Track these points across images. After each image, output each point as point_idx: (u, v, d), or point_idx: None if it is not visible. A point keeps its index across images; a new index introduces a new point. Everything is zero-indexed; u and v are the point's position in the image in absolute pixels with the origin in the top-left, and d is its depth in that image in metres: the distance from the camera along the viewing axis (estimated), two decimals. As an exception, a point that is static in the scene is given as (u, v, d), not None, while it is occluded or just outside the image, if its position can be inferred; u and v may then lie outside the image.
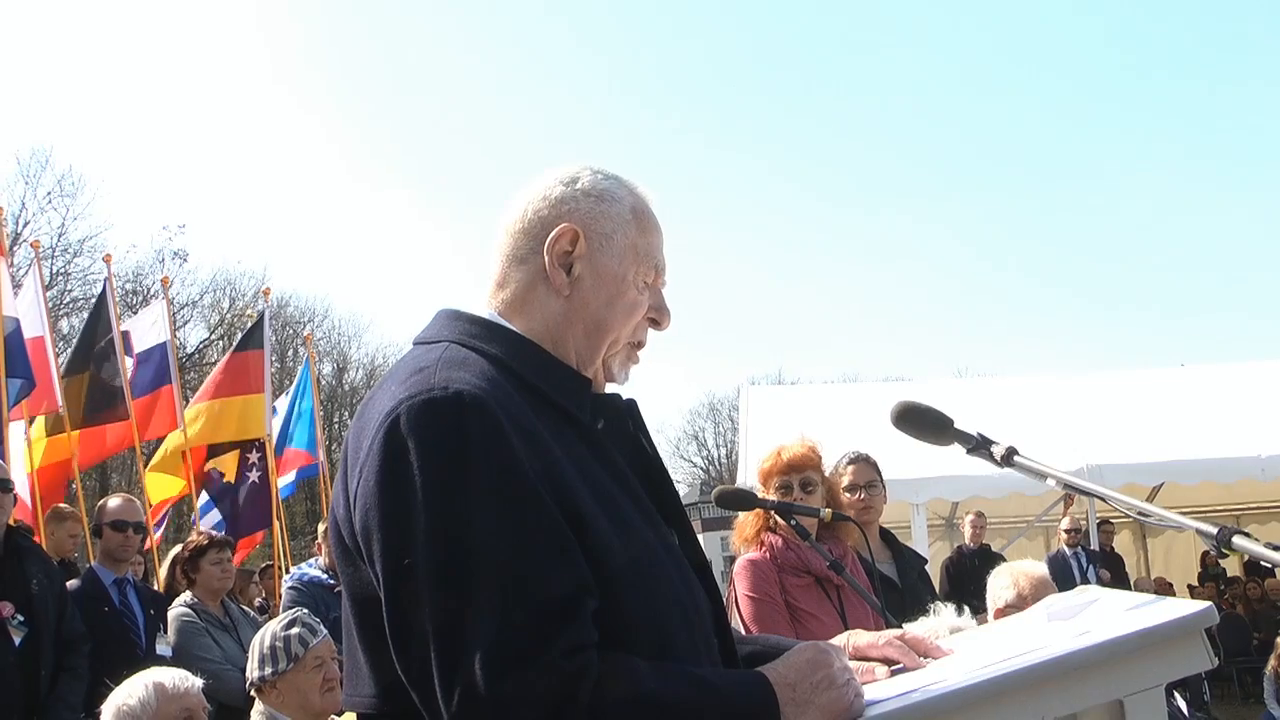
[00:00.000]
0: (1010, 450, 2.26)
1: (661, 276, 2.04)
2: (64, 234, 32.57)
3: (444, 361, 1.79)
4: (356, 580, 1.77)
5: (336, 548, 1.83)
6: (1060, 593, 2.56)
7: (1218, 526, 1.97)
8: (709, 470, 61.35)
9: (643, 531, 1.84)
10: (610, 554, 1.72)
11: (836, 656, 1.79)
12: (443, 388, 1.70)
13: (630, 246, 1.97)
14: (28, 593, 5.49)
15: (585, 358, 1.96)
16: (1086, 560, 12.19)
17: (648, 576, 1.78)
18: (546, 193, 1.99)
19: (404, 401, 1.70)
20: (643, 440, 2.06)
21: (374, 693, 1.77)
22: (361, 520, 1.71)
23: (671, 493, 2.05)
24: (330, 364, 44.33)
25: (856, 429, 7.69)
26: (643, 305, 2.00)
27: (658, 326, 2.07)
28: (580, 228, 1.94)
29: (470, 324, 1.93)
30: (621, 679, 1.61)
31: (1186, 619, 1.73)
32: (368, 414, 1.79)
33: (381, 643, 1.70)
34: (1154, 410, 13.24)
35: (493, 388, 1.74)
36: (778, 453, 4.48)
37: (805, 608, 4.21)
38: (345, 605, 1.85)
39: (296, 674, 3.98)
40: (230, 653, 6.22)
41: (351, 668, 1.85)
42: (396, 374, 1.83)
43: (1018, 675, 1.69)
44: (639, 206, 2.01)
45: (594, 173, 2.02)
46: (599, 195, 1.98)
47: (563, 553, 1.66)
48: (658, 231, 2.04)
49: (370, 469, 1.70)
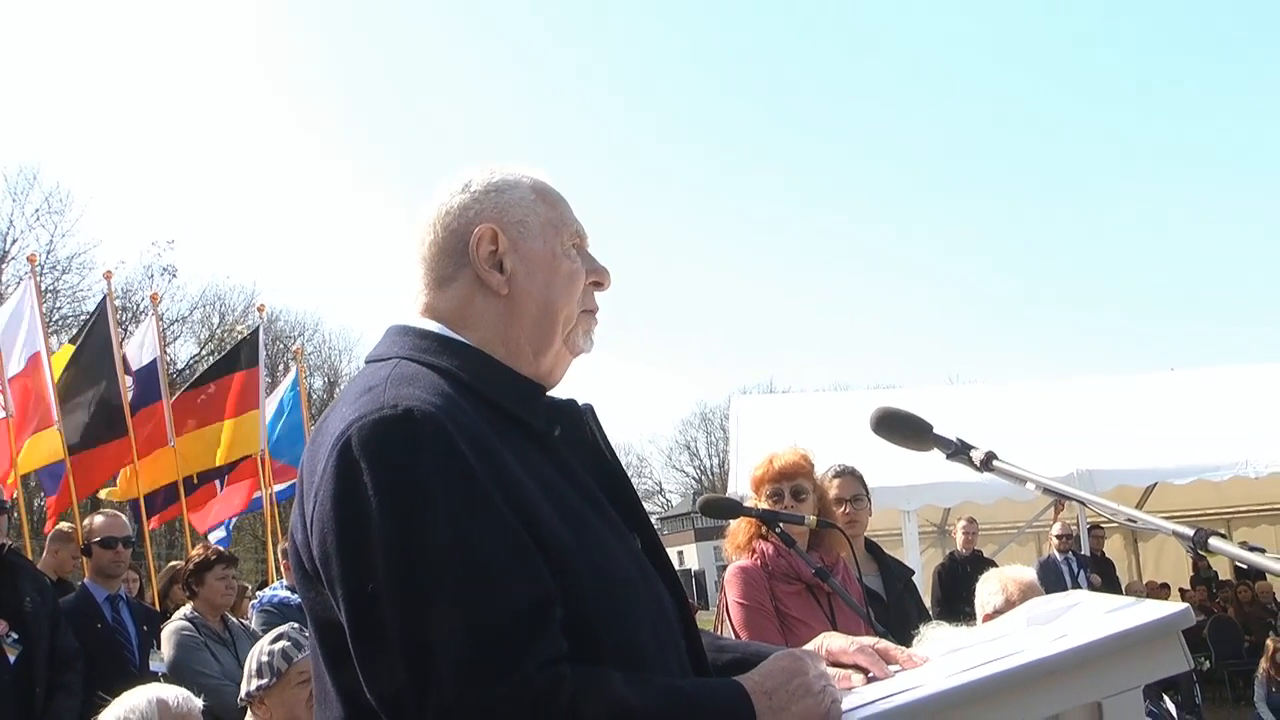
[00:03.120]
0: (989, 455, 2.25)
1: (585, 240, 2.04)
2: (52, 251, 32.56)
3: (393, 379, 1.77)
4: (318, 604, 1.75)
5: (296, 572, 1.80)
6: (1041, 597, 2.58)
7: (1195, 529, 1.97)
8: (701, 480, 61.35)
9: (605, 538, 1.82)
10: (572, 564, 1.71)
11: (813, 663, 1.79)
12: (392, 406, 1.68)
13: (546, 222, 1.97)
14: (21, 610, 5.48)
15: (541, 345, 1.94)
16: (1077, 565, 12.19)
17: (612, 584, 1.77)
18: (448, 205, 1.97)
19: (354, 423, 1.68)
20: (601, 444, 2.03)
21: (342, 714, 1.74)
22: (319, 545, 1.69)
23: (632, 496, 2.02)
24: (321, 378, 44.26)
25: (847, 437, 7.69)
26: (579, 273, 1.99)
27: (600, 287, 2.04)
28: (494, 224, 1.93)
29: (420, 338, 1.91)
30: (597, 691, 1.60)
31: (1163, 621, 1.75)
32: (320, 437, 1.78)
33: (346, 665, 1.68)
34: (1144, 415, 13.27)
35: (444, 402, 1.72)
36: (770, 460, 4.49)
37: (796, 615, 4.21)
38: (310, 629, 1.82)
39: (283, 689, 3.96)
40: (229, 668, 6.18)
41: (319, 692, 1.83)
42: (348, 395, 1.81)
43: (995, 679, 1.71)
44: (537, 184, 2.01)
45: (481, 170, 2.02)
46: (497, 188, 1.98)
47: (525, 565, 1.65)
48: (562, 200, 2.03)
49: (324, 493, 1.68)
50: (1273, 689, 11.69)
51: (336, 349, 47.00)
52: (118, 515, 7.04)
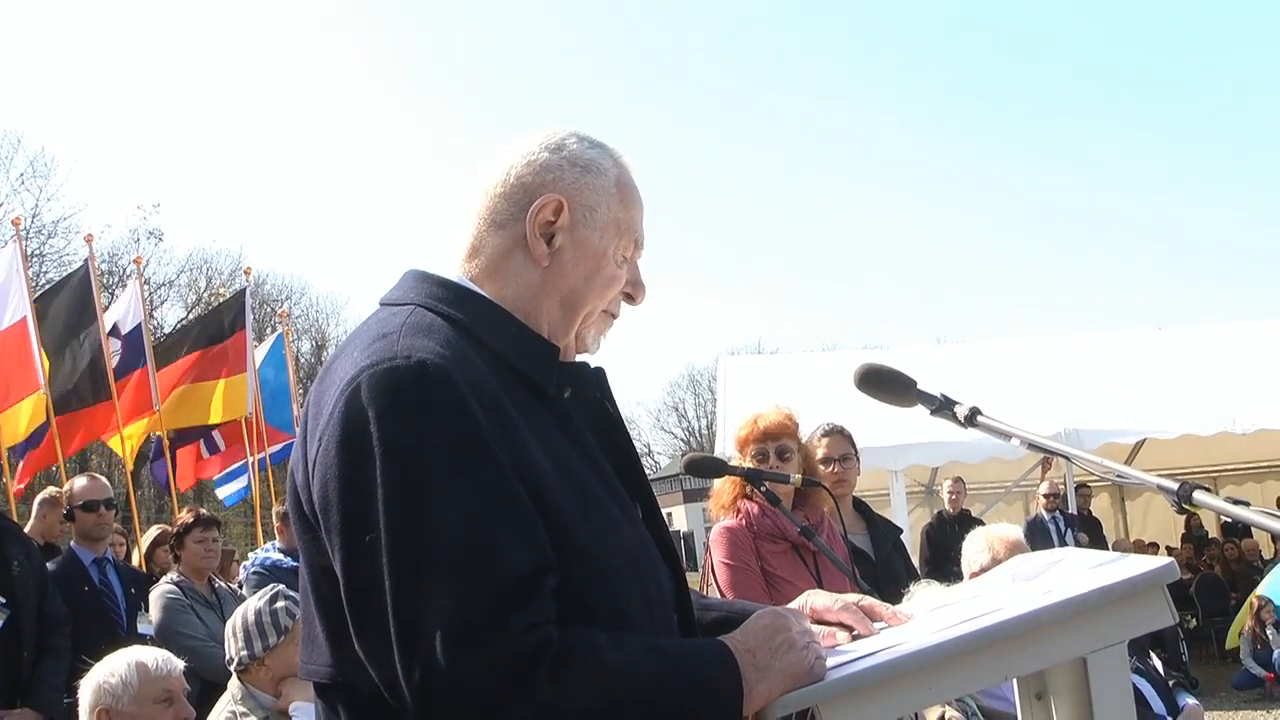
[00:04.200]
0: (974, 410, 2.24)
1: (640, 250, 2.01)
2: (38, 215, 32.40)
3: (408, 327, 1.75)
4: (315, 549, 1.74)
5: (294, 513, 1.79)
6: (1028, 554, 2.58)
7: (1179, 482, 1.96)
8: (689, 441, 61.49)
9: (606, 506, 1.82)
10: (572, 530, 1.70)
11: (796, 620, 1.79)
12: (405, 356, 1.67)
13: (613, 221, 1.93)
14: (9, 574, 5.48)
15: (558, 329, 1.92)
16: (1065, 524, 12.28)
17: (609, 552, 1.76)
18: (531, 157, 1.92)
19: (365, 369, 1.67)
20: (610, 410, 2.02)
21: (330, 662, 1.74)
22: (320, 491, 1.68)
23: (637, 465, 2.02)
24: (309, 341, 44.19)
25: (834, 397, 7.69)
26: (620, 280, 1.96)
27: (632, 302, 2.03)
28: (565, 198, 1.89)
29: (438, 287, 1.88)
30: (581, 652, 1.60)
31: (1147, 575, 1.74)
32: (329, 379, 1.76)
33: (338, 612, 1.67)
34: (1132, 373, 13.31)
35: (457, 357, 1.71)
36: (754, 420, 4.48)
37: (781, 574, 4.22)
38: (303, 573, 1.82)
39: (288, 646, 3.98)
40: (215, 630, 6.20)
41: (308, 635, 1.82)
42: (360, 338, 1.79)
43: (980, 635, 1.71)
44: (623, 179, 1.97)
45: (580, 139, 1.96)
46: (585, 165, 1.93)
47: (524, 529, 1.64)
48: (640, 205, 1.99)
49: (329, 438, 1.66)
50: (1258, 645, 11.78)
51: (324, 312, 46.94)
52: (97, 478, 7.02)
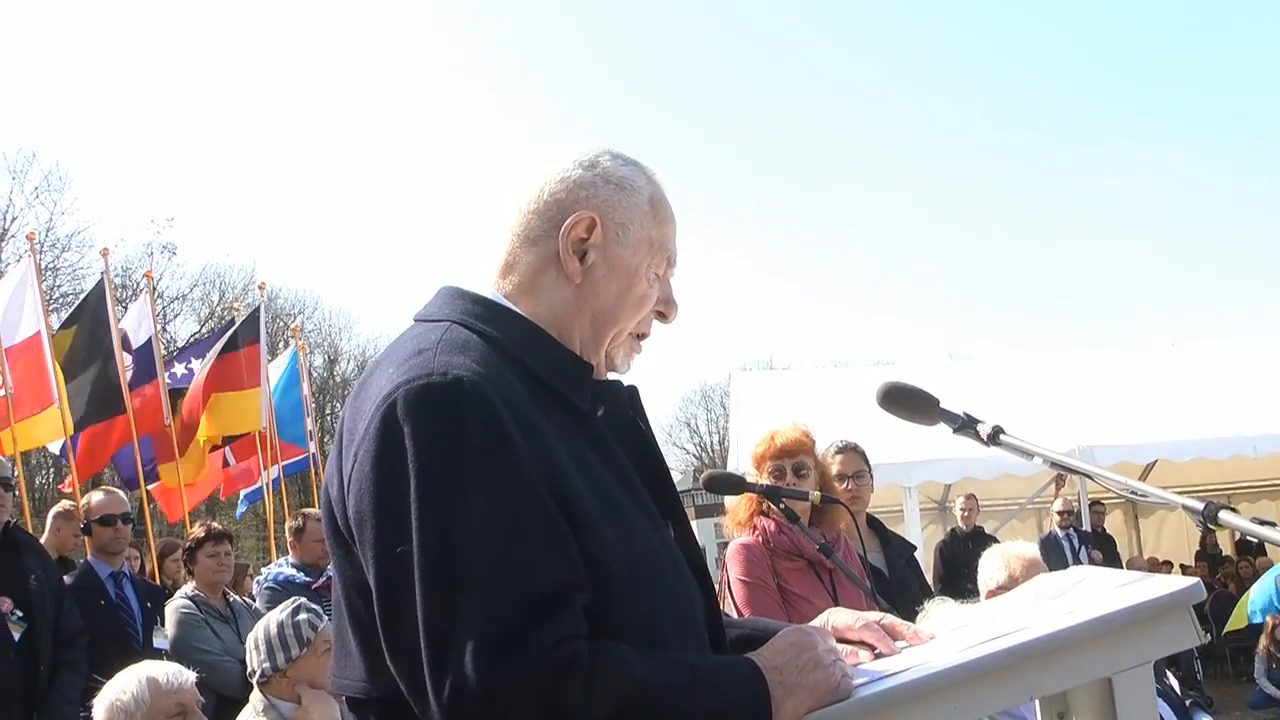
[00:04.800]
0: (996, 429, 2.24)
1: (672, 269, 2.02)
2: (52, 229, 32.51)
3: (444, 344, 1.76)
4: (348, 563, 1.75)
5: (328, 528, 1.81)
6: (1049, 573, 2.57)
7: (1204, 502, 1.96)
8: (701, 456, 61.30)
9: (638, 524, 1.82)
10: (604, 547, 1.71)
11: (822, 639, 1.79)
12: (441, 373, 1.68)
13: (646, 239, 1.94)
14: (26, 588, 5.48)
15: (590, 347, 1.93)
16: (1079, 541, 12.22)
17: (641, 570, 1.77)
18: (564, 174, 1.93)
19: (401, 385, 1.68)
20: (643, 429, 2.03)
21: (364, 676, 1.76)
22: (355, 506, 1.69)
23: (669, 484, 2.02)
24: (321, 356, 44.27)
25: (847, 413, 7.69)
26: (652, 298, 1.97)
27: (664, 320, 2.04)
28: (598, 216, 1.90)
29: (474, 304, 1.89)
30: (611, 667, 1.61)
31: (1174, 595, 1.74)
32: (365, 394, 1.77)
33: (372, 627, 1.69)
34: (1145, 390, 13.27)
35: (492, 374, 1.72)
36: (771, 437, 4.48)
37: (798, 591, 4.22)
38: (336, 587, 1.84)
39: (309, 658, 4.02)
40: (230, 644, 6.23)
41: (340, 650, 1.84)
42: (395, 354, 1.81)
43: (1006, 654, 1.70)
44: (656, 197, 1.98)
45: (613, 157, 1.97)
46: (618, 183, 1.94)
47: (556, 545, 1.65)
48: (673, 222, 2.00)
49: (365, 453, 1.68)
50: (1273, 665, 11.73)
51: (336, 327, 47.04)
52: (114, 492, 7.01)
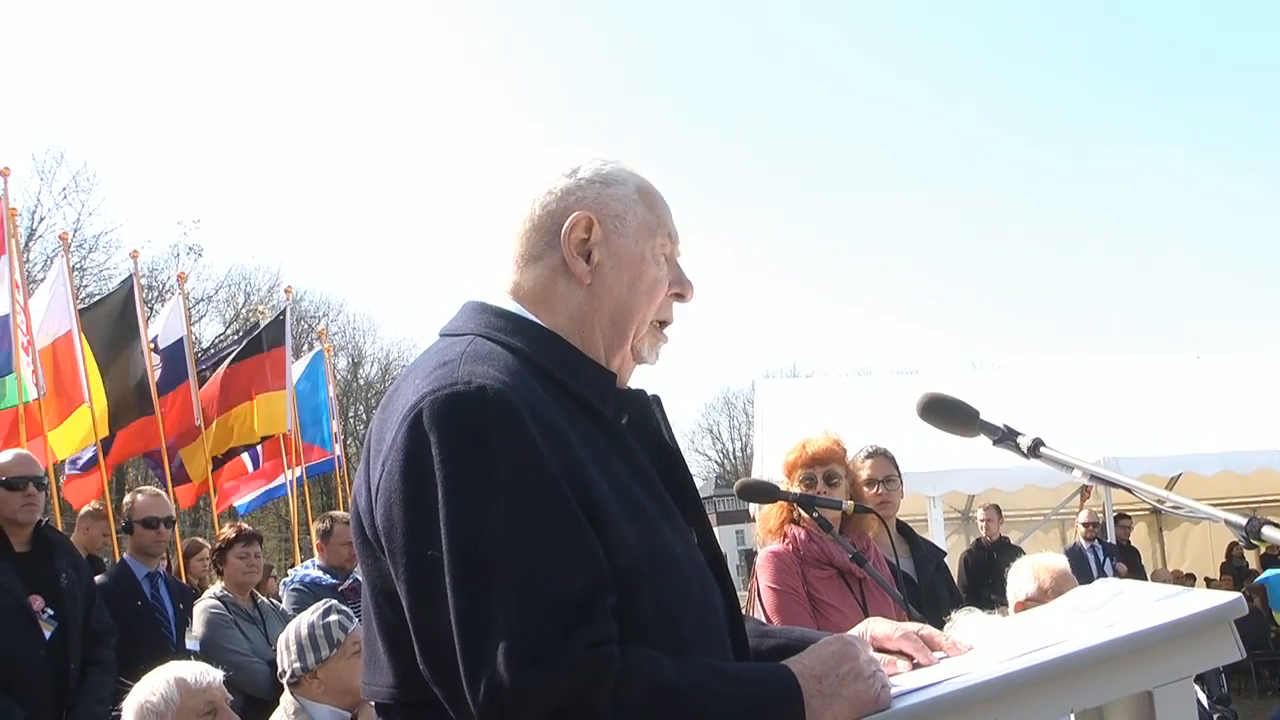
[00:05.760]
0: (1037, 441, 2.26)
1: (678, 245, 2.05)
2: (79, 230, 32.71)
3: (468, 355, 1.79)
4: (376, 571, 1.78)
5: (357, 538, 1.83)
6: (1082, 586, 2.57)
7: (1247, 517, 1.97)
8: (724, 464, 61.36)
9: (661, 529, 1.84)
10: (628, 552, 1.72)
11: (862, 649, 1.80)
12: (466, 382, 1.71)
13: (643, 223, 1.98)
14: (57, 587, 5.51)
15: (613, 344, 1.96)
16: (1104, 553, 12.17)
17: (665, 575, 1.78)
18: (551, 186, 1.98)
19: (427, 396, 1.71)
20: (665, 435, 2.05)
21: (393, 682, 1.78)
22: (384, 514, 1.72)
23: (692, 490, 2.04)
24: (345, 359, 44.46)
25: (870, 421, 7.70)
26: (664, 281, 2.00)
27: (682, 299, 2.06)
28: (593, 214, 1.94)
29: (496, 317, 1.93)
30: (646, 672, 1.62)
31: (1217, 609, 1.73)
32: (392, 406, 1.80)
33: (401, 633, 1.72)
34: (1170, 402, 13.19)
35: (516, 382, 1.74)
36: (802, 445, 4.48)
37: (827, 600, 4.22)
38: (365, 595, 1.86)
39: (339, 660, 4.03)
40: (257, 645, 6.26)
41: (370, 657, 1.86)
42: (421, 366, 1.84)
43: (1047, 667, 1.70)
44: (643, 185, 2.02)
45: (593, 159, 2.02)
46: (604, 180, 1.98)
47: (583, 549, 1.67)
48: (664, 205, 2.04)
49: (393, 463, 1.71)
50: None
51: (361, 330, 47.33)
52: (159, 495, 7.07)
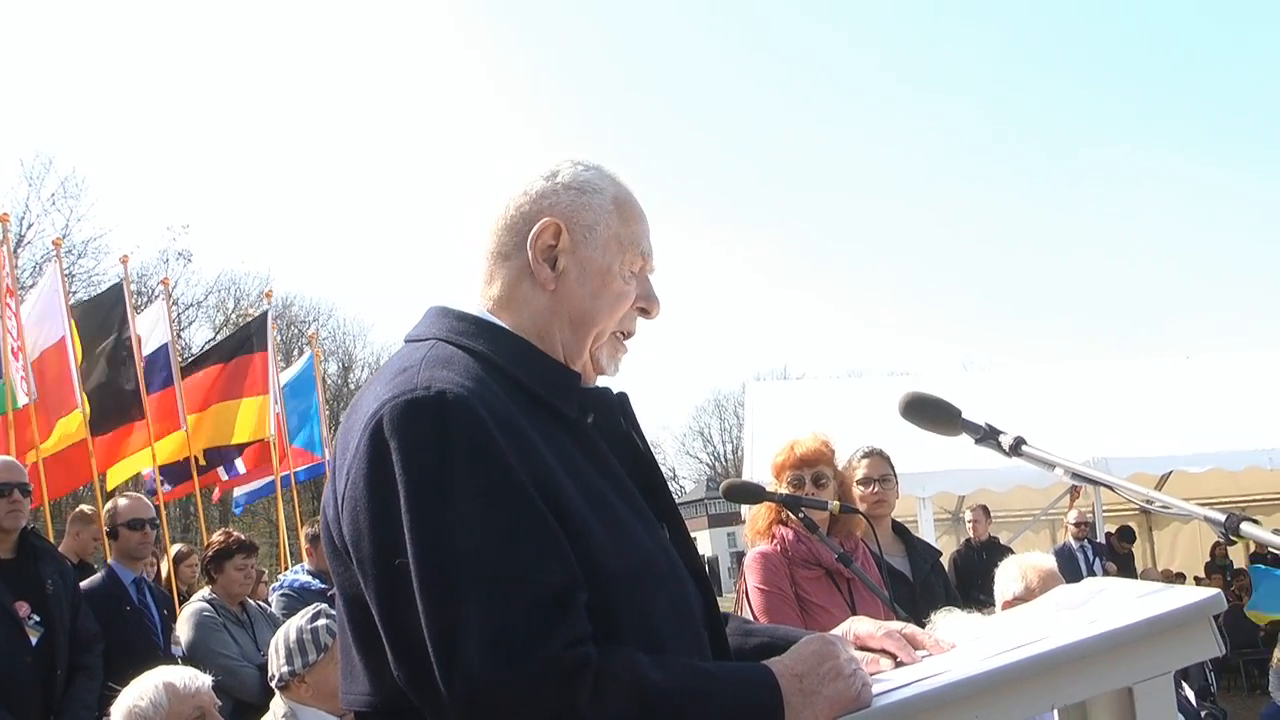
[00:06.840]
0: (1018, 440, 2.26)
1: (649, 263, 2.03)
2: (68, 235, 32.56)
3: (428, 360, 1.79)
4: (348, 580, 1.77)
5: (328, 548, 1.83)
6: (1068, 584, 2.57)
7: (1225, 514, 1.98)
8: (715, 466, 61.47)
9: (633, 529, 1.83)
10: (597, 547, 1.72)
11: (843, 648, 1.79)
12: (425, 387, 1.71)
13: (614, 237, 1.96)
14: (42, 593, 5.51)
15: (572, 351, 1.95)
16: (1093, 553, 12.20)
17: (636, 572, 1.78)
18: (527, 188, 1.97)
19: (387, 403, 1.71)
20: (634, 434, 2.04)
21: (370, 690, 1.78)
22: (350, 524, 1.72)
23: (662, 487, 2.03)
24: (336, 363, 44.45)
25: (861, 423, 7.69)
26: (629, 295, 1.99)
27: (647, 315, 2.05)
28: (562, 221, 1.93)
29: (458, 320, 1.93)
30: (624, 672, 1.62)
31: (1196, 605, 1.73)
32: (354, 415, 1.80)
33: (375, 641, 1.71)
34: (1160, 402, 13.22)
35: (477, 386, 1.74)
36: (790, 447, 4.49)
37: (815, 600, 4.23)
38: (339, 604, 1.85)
39: (328, 664, 4.03)
40: (246, 649, 6.26)
41: (346, 666, 1.85)
42: (383, 374, 1.83)
43: (1027, 664, 1.70)
44: (620, 196, 2.00)
45: (574, 164, 2.00)
46: (579, 187, 1.97)
47: (553, 548, 1.66)
48: (642, 219, 2.02)
49: (356, 472, 1.71)
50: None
51: (351, 334, 47.40)
52: (141, 497, 7.05)
